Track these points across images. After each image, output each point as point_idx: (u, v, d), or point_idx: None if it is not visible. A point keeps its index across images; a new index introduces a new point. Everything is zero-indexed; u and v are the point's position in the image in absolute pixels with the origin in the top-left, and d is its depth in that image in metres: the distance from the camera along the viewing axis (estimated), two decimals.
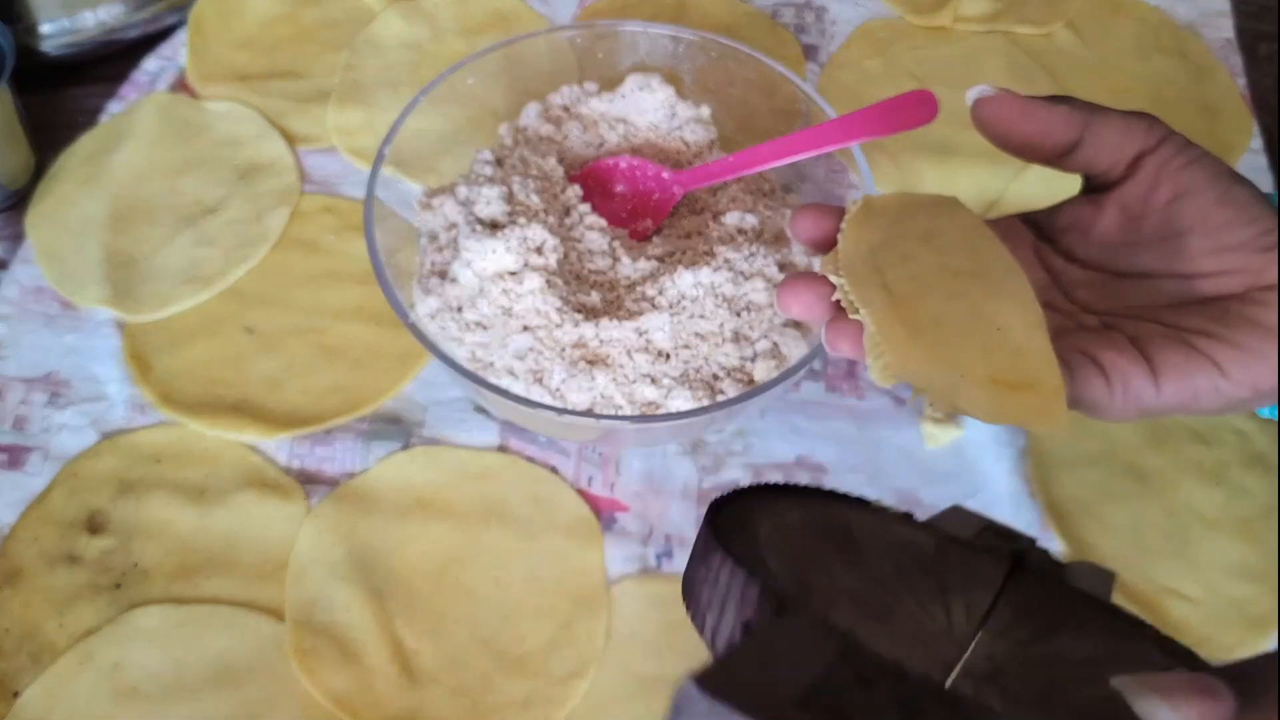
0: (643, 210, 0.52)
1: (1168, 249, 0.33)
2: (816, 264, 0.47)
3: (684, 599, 0.26)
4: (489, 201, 0.47)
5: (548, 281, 0.45)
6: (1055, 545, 0.47)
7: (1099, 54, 0.65)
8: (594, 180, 0.53)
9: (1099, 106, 0.33)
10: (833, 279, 0.33)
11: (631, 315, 0.45)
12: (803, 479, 0.49)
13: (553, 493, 0.48)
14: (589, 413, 0.43)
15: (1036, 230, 0.36)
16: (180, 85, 0.62)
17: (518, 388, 0.44)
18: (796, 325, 0.46)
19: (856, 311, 0.32)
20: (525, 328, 0.45)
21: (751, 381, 0.44)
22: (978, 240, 0.33)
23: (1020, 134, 0.33)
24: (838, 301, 0.33)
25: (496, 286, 0.45)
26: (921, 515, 0.48)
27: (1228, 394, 0.31)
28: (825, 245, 0.35)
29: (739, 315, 0.45)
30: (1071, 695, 0.29)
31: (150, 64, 0.63)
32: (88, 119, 0.61)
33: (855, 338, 0.32)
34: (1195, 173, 0.32)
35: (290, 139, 0.60)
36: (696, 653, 0.46)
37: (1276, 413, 0.38)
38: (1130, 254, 0.34)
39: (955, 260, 0.32)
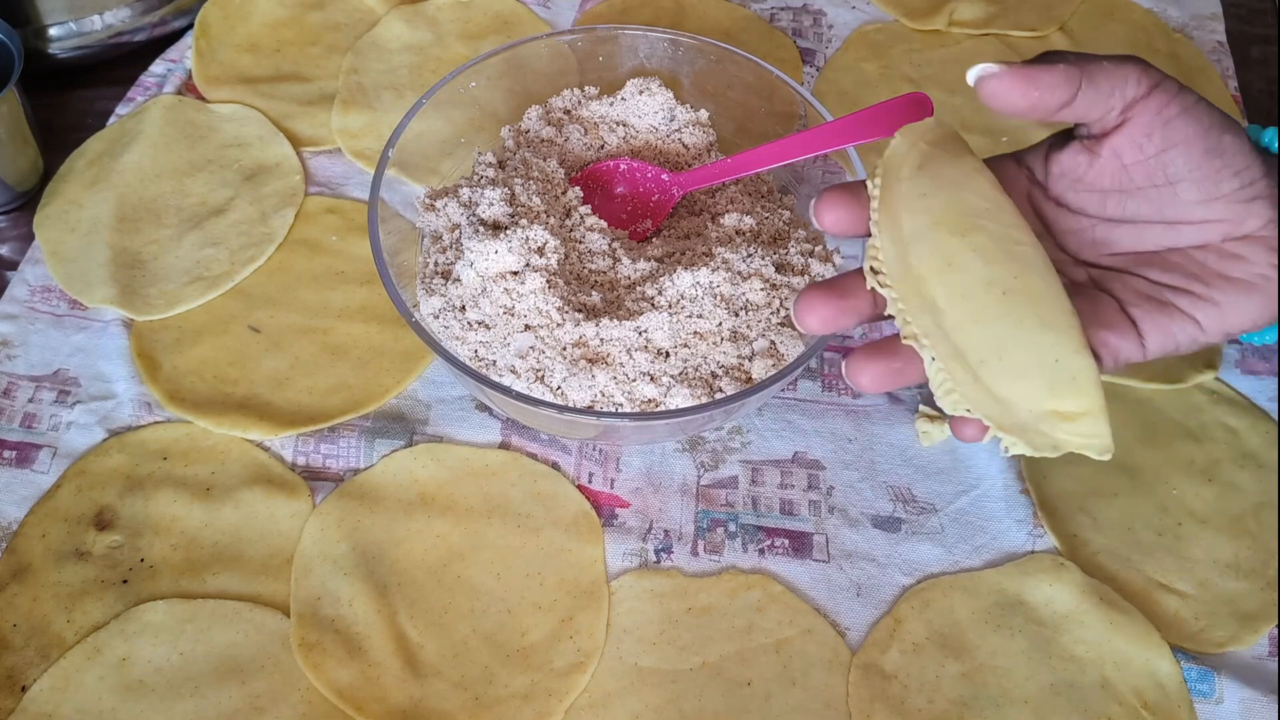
0: (642, 211, 0.53)
1: (1158, 196, 0.35)
2: (814, 264, 0.48)
3: None
4: (491, 203, 0.48)
5: (549, 281, 0.45)
6: (1048, 541, 0.48)
7: None
8: (594, 182, 0.54)
9: (1090, 56, 0.34)
10: (881, 290, 0.34)
11: (631, 315, 0.46)
12: (800, 475, 0.50)
13: (554, 489, 0.49)
14: (590, 410, 0.44)
15: (1030, 174, 0.38)
16: (187, 88, 0.63)
17: (519, 386, 0.44)
18: (793, 325, 0.47)
19: (914, 339, 0.33)
20: (527, 327, 0.45)
21: (749, 380, 0.45)
22: (1016, 242, 0.34)
23: (1025, 101, 0.34)
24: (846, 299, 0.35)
25: (499, 286, 0.45)
26: (915, 510, 0.49)
27: (1203, 341, 0.35)
28: (854, 228, 0.36)
29: (737, 315, 0.46)
30: None
31: (157, 67, 0.64)
32: (95, 121, 0.62)
33: (880, 373, 0.34)
34: (1187, 123, 0.33)
35: (295, 141, 0.61)
36: (694, 646, 0.47)
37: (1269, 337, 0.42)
38: (1121, 201, 0.36)
39: (1001, 272, 0.32)
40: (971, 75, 0.34)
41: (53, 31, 0.61)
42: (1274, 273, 0.34)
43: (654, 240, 0.52)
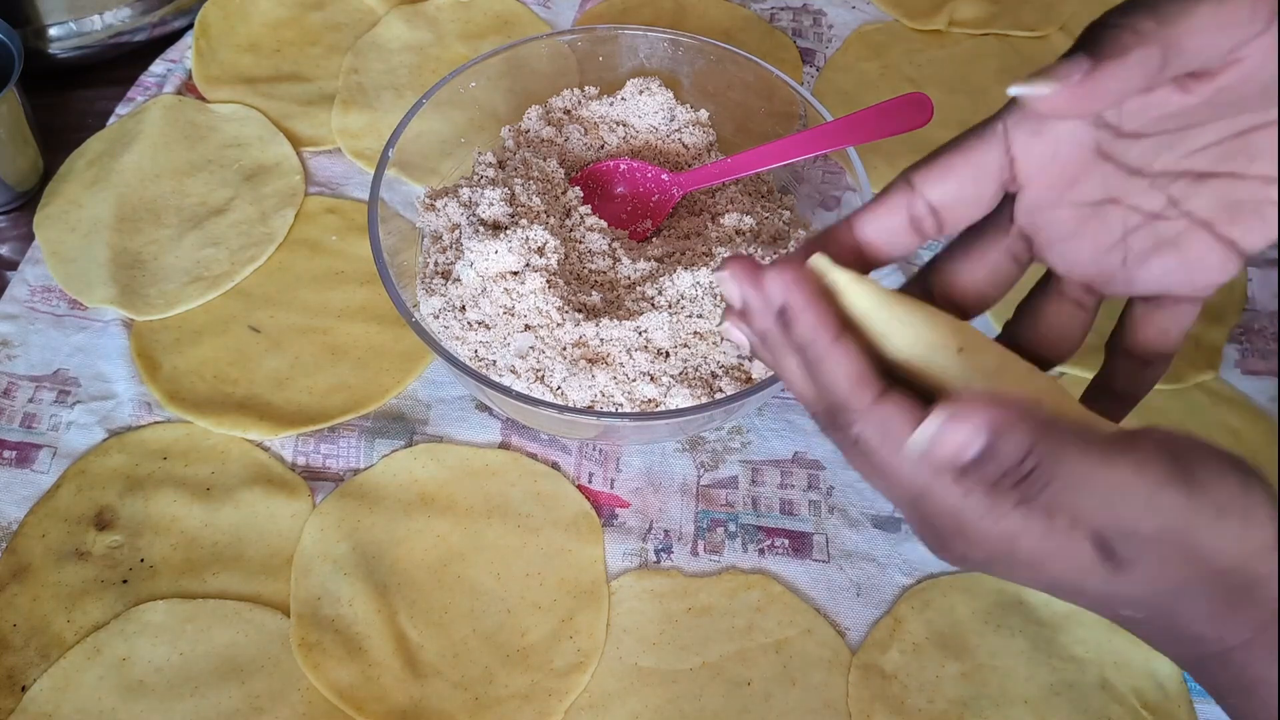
0: (642, 211, 0.53)
1: (1260, 107, 0.29)
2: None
3: None
4: (491, 203, 0.48)
5: (549, 281, 0.45)
6: None
7: None
8: (594, 182, 0.54)
9: (1176, 2, 0.27)
10: None
11: (631, 315, 0.46)
12: (800, 475, 0.50)
13: (554, 489, 0.49)
14: (590, 410, 0.44)
15: (1098, 117, 0.31)
16: (187, 88, 0.63)
17: (519, 386, 0.44)
18: None
19: None
20: (527, 327, 0.45)
21: (749, 380, 0.45)
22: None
23: (1094, 111, 0.29)
24: None
25: (499, 286, 0.45)
26: None
27: None
28: None
29: None
30: None
31: (157, 67, 0.64)
32: (95, 121, 0.62)
33: None
34: None
35: (295, 141, 0.60)
36: (694, 646, 0.47)
37: None
38: (1202, 118, 0.30)
39: None
40: (1012, 92, 0.28)
41: (53, 31, 0.61)
42: None
43: (654, 240, 0.52)
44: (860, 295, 0.28)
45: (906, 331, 0.28)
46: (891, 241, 0.32)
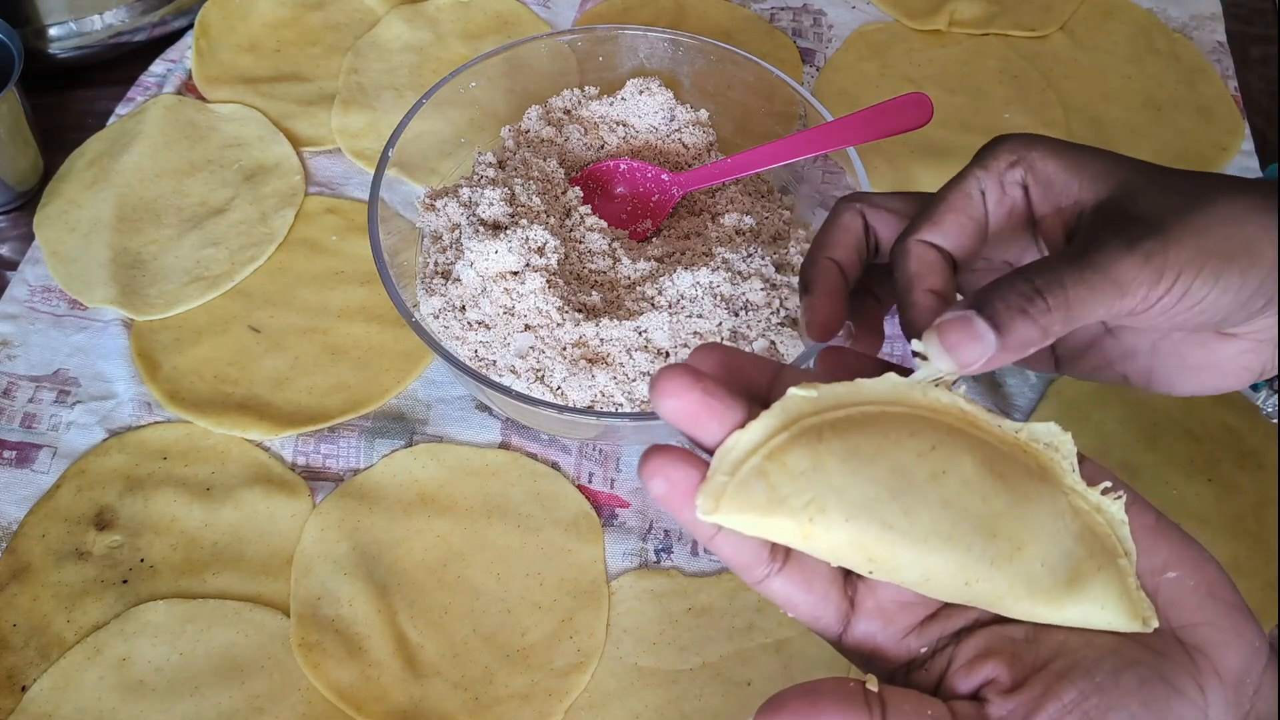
0: (642, 211, 0.53)
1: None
2: None
3: None
4: (491, 203, 0.48)
5: (549, 281, 0.45)
6: None
7: (1093, 57, 0.66)
8: (594, 182, 0.54)
9: (1087, 271, 0.28)
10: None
11: (631, 315, 0.46)
12: None
13: (554, 489, 0.49)
14: (589, 410, 0.44)
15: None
16: (187, 88, 0.63)
17: (519, 386, 0.44)
18: (793, 324, 0.47)
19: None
20: (527, 327, 0.45)
21: None
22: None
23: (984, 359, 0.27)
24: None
25: (498, 286, 0.45)
26: None
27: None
28: None
29: (737, 315, 0.46)
30: None
31: (157, 67, 0.64)
32: (95, 121, 0.62)
33: None
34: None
35: (295, 141, 0.60)
36: (694, 646, 0.47)
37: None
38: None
39: None
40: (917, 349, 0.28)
41: (53, 31, 0.61)
42: None
43: (654, 240, 0.52)
44: (744, 528, 0.26)
45: (806, 548, 0.26)
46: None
